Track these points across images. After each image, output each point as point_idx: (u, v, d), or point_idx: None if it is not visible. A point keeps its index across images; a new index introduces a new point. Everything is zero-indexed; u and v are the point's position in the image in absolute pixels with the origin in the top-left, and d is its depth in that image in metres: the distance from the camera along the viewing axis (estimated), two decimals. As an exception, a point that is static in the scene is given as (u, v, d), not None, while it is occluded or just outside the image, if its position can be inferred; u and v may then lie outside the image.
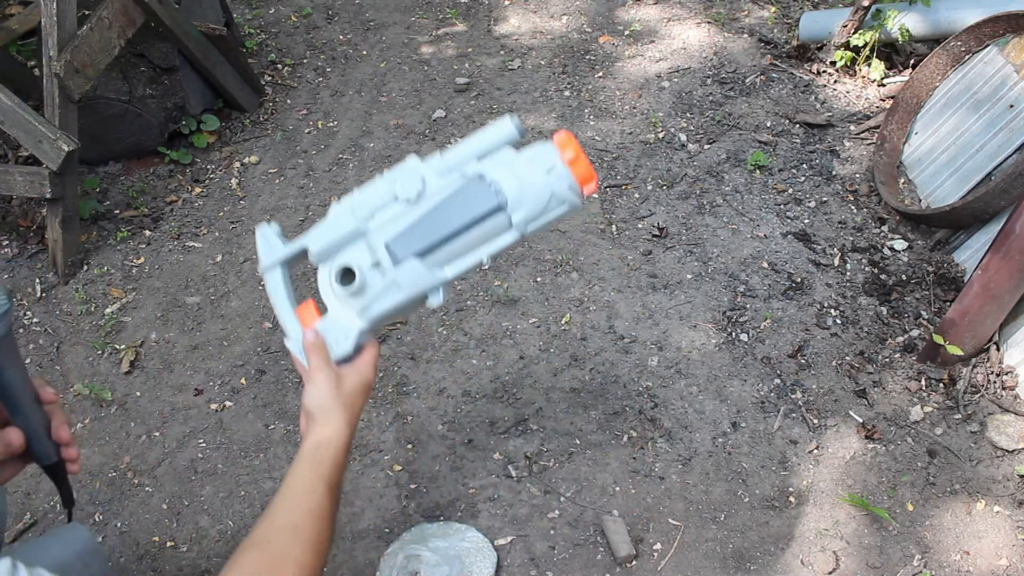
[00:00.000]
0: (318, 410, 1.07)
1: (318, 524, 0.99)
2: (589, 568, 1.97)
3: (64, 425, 1.10)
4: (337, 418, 1.07)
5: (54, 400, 1.10)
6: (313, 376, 1.08)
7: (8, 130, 2.54)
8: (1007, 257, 2.10)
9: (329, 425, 1.07)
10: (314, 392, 1.08)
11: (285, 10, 4.02)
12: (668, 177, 2.99)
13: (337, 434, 1.07)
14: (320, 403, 1.07)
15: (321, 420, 1.07)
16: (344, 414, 1.08)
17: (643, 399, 2.31)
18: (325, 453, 1.05)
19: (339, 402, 1.08)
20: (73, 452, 1.11)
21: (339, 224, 1.11)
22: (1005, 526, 2.00)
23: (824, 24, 3.36)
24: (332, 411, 1.07)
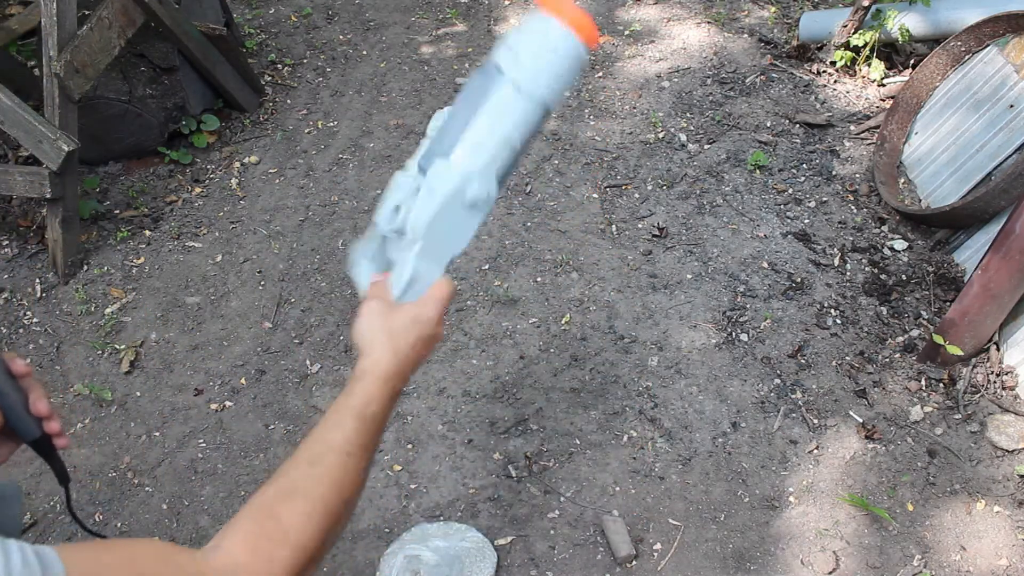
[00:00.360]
0: (360, 340, 1.01)
1: (339, 458, 0.91)
2: (589, 568, 1.97)
3: (42, 398, 1.05)
4: (379, 347, 0.99)
5: (27, 373, 1.05)
6: (364, 304, 1.03)
7: (8, 130, 2.54)
8: (1007, 257, 2.10)
9: (369, 356, 0.99)
10: (358, 322, 1.02)
11: (285, 10, 4.02)
12: (668, 177, 2.99)
13: (375, 364, 0.98)
14: (362, 332, 1.01)
15: (363, 351, 1.00)
16: (388, 344, 0.99)
17: (643, 399, 2.31)
18: (359, 383, 0.97)
19: (383, 332, 0.99)
20: (55, 425, 1.07)
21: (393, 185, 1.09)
22: (1005, 526, 2.00)
23: (824, 24, 3.36)
24: (374, 341, 0.99)
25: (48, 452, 1.07)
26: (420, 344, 1.01)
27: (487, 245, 2.77)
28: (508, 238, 2.80)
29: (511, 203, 2.92)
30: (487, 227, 2.83)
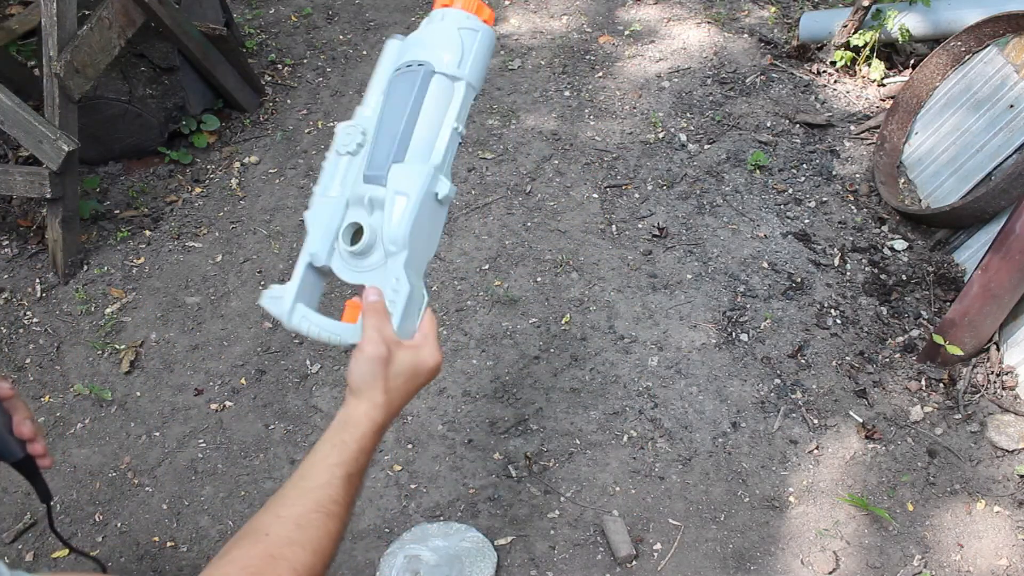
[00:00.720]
0: (355, 383, 0.95)
1: (327, 521, 0.87)
2: (589, 568, 1.97)
3: (26, 420, 1.02)
4: (374, 396, 0.94)
5: (11, 395, 1.02)
6: (362, 344, 0.96)
7: (8, 130, 2.54)
8: (1007, 257, 2.10)
9: (363, 403, 0.94)
10: (357, 361, 0.95)
11: (285, 10, 4.02)
12: (668, 177, 2.99)
13: (369, 415, 0.94)
14: (359, 375, 0.95)
15: (356, 395, 0.95)
16: (384, 395, 0.94)
17: (643, 399, 2.31)
18: (351, 435, 0.92)
19: (382, 379, 0.94)
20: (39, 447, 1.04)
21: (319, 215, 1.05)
22: (1005, 526, 2.00)
23: (824, 24, 3.36)
24: (371, 388, 0.94)
25: (31, 473, 1.06)
26: (415, 391, 0.99)
27: (487, 245, 2.77)
28: (508, 238, 2.80)
29: (511, 203, 2.92)
30: (487, 227, 2.83)
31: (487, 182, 3.01)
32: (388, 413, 0.96)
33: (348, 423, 0.94)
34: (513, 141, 3.18)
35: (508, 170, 3.05)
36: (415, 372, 0.97)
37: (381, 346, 0.95)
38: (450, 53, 1.06)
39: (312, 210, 1.06)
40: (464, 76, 1.07)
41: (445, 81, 1.06)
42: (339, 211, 1.04)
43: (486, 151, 3.14)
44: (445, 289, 2.64)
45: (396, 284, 0.99)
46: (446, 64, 1.06)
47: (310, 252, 1.04)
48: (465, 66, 1.07)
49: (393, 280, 0.99)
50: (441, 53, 1.06)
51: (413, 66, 1.06)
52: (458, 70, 1.06)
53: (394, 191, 1.00)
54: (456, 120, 1.06)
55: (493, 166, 3.07)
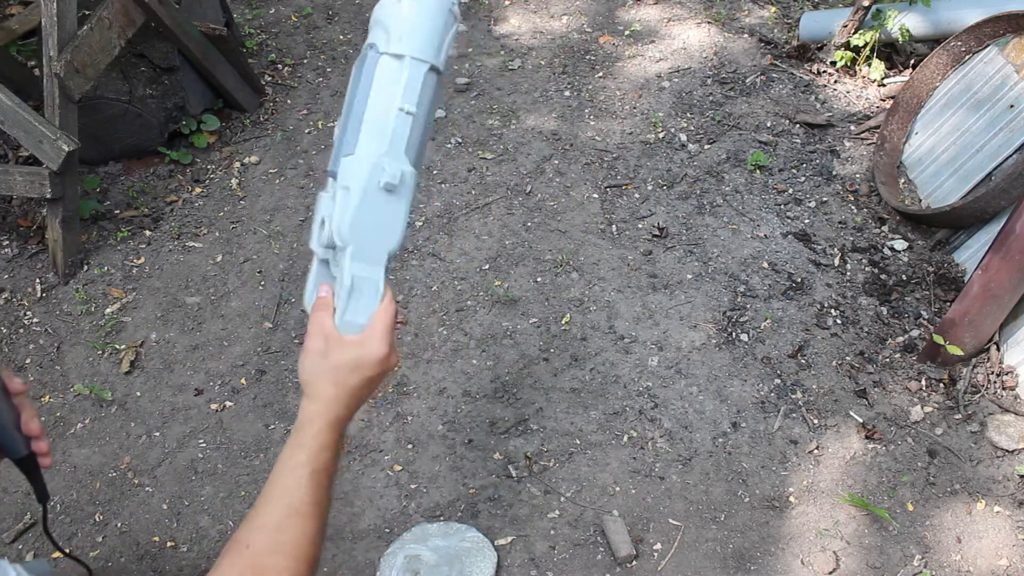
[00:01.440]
0: (302, 380, 0.96)
1: (302, 523, 0.88)
2: (589, 568, 1.97)
3: (34, 418, 1.03)
4: (323, 390, 0.94)
5: (22, 391, 1.03)
6: (305, 342, 0.97)
7: (8, 130, 2.54)
8: (1007, 257, 2.10)
9: (313, 401, 0.94)
10: (303, 360, 0.96)
11: (285, 10, 4.02)
12: (668, 177, 2.99)
13: (321, 411, 0.93)
14: (303, 371, 0.96)
15: (306, 393, 0.95)
16: (331, 388, 0.94)
17: (643, 399, 2.31)
18: (308, 432, 0.93)
19: (326, 374, 0.94)
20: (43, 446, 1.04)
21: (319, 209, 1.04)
22: (1005, 526, 2.00)
23: (824, 24, 3.36)
24: (316, 382, 0.94)
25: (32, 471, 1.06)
26: (367, 384, 0.97)
27: (487, 245, 2.77)
28: (508, 238, 2.80)
29: (511, 203, 2.92)
30: (487, 227, 2.83)
31: (487, 182, 3.01)
32: (343, 406, 0.94)
33: (303, 423, 0.94)
34: (513, 141, 3.17)
35: (508, 170, 3.05)
36: (357, 365, 0.95)
37: (318, 340, 0.95)
38: (392, 29, 0.99)
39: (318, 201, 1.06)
40: (406, 51, 0.99)
41: (391, 61, 0.99)
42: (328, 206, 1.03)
43: (486, 151, 3.14)
44: (445, 289, 2.64)
45: (340, 278, 0.98)
46: (396, 46, 0.99)
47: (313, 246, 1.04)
48: (417, 44, 0.99)
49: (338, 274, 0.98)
50: (381, 31, 1.00)
51: (364, 50, 1.01)
52: (400, 46, 0.99)
53: (341, 185, 0.98)
54: (403, 101, 0.99)
55: (493, 166, 3.07)
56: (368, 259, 0.99)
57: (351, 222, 0.98)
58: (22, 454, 1.03)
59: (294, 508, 0.89)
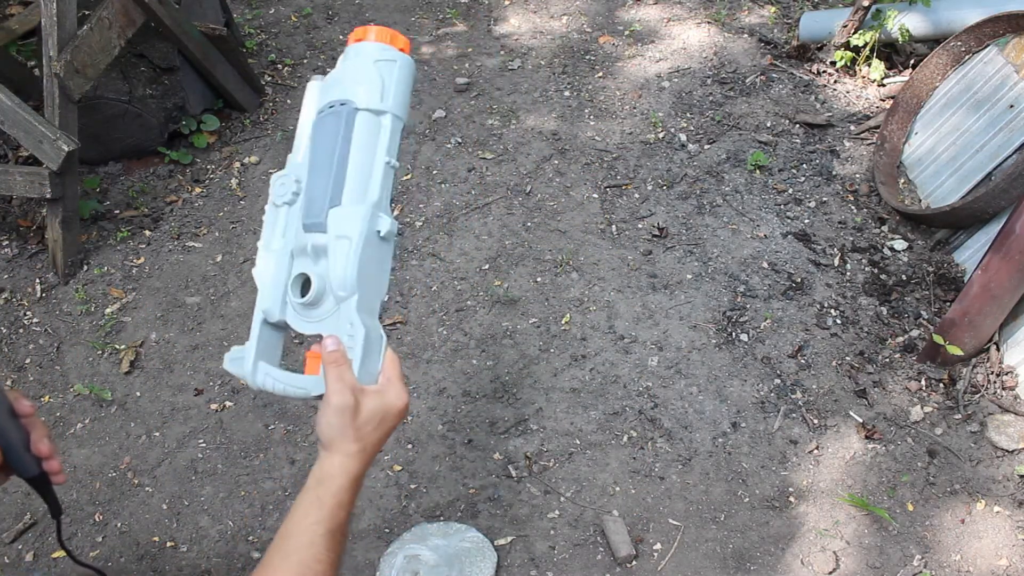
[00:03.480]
0: (325, 436, 0.96)
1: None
2: (589, 568, 1.97)
3: (44, 438, 1.04)
4: (346, 447, 0.95)
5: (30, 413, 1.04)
6: (327, 396, 0.96)
7: (8, 130, 2.54)
8: (1007, 257, 2.10)
9: (336, 456, 0.95)
10: (324, 414, 0.96)
11: (285, 10, 4.02)
12: (668, 177, 2.99)
13: (344, 467, 0.94)
14: (329, 428, 0.96)
15: (328, 448, 0.96)
16: (354, 444, 0.95)
17: (643, 399, 2.31)
18: (328, 490, 0.93)
19: (351, 429, 0.95)
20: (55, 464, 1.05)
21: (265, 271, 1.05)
22: (1005, 526, 2.00)
23: (824, 24, 3.36)
24: (342, 439, 0.95)
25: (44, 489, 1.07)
26: (386, 435, 0.98)
27: (487, 245, 2.77)
28: (508, 238, 2.80)
29: (511, 203, 2.92)
30: (487, 227, 2.83)
31: (487, 182, 3.01)
32: (362, 462, 0.96)
33: (323, 479, 0.94)
34: (513, 141, 3.18)
35: (508, 170, 3.05)
36: (384, 416, 0.97)
37: (347, 396, 0.95)
38: (370, 88, 1.04)
39: (258, 266, 1.06)
40: (388, 109, 1.04)
41: (370, 117, 1.04)
42: (284, 264, 1.04)
43: (486, 151, 3.14)
44: (445, 289, 2.64)
45: (351, 329, 0.98)
46: (367, 100, 1.03)
47: (263, 309, 1.04)
48: (388, 98, 1.05)
49: (348, 326, 0.98)
50: (360, 89, 1.04)
51: (336, 106, 1.04)
52: (381, 103, 1.04)
53: (335, 236, 0.99)
54: (387, 154, 1.04)
55: (493, 166, 3.07)
56: (367, 309, 1.00)
57: (358, 271, 0.98)
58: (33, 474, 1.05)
59: (306, 566, 0.89)
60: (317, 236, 1.00)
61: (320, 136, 1.05)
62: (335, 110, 1.04)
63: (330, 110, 1.04)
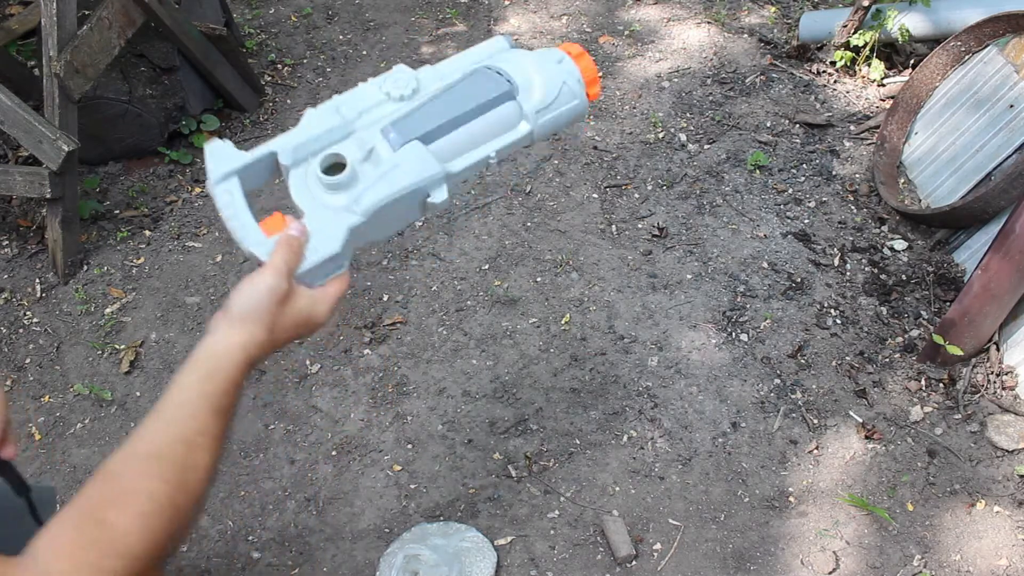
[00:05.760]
0: (242, 311, 0.86)
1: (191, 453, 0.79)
2: (589, 568, 1.97)
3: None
4: (256, 331, 0.86)
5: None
6: (262, 272, 0.87)
7: (8, 130, 2.54)
8: (1007, 257, 2.10)
9: (242, 334, 0.85)
10: (250, 289, 0.87)
11: (285, 10, 4.02)
12: (668, 177, 2.99)
13: (246, 347, 0.85)
14: (250, 304, 0.87)
15: (238, 324, 0.86)
16: (268, 333, 0.87)
17: (643, 399, 2.31)
18: (223, 363, 0.84)
19: (270, 314, 0.87)
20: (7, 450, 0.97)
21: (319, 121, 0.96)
22: (1005, 526, 2.00)
23: (824, 24, 3.36)
24: (256, 320, 0.86)
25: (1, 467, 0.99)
26: (293, 339, 0.92)
27: (487, 245, 2.77)
28: (508, 238, 2.80)
29: (511, 203, 2.92)
30: (487, 227, 2.83)
31: (487, 182, 3.01)
32: (264, 352, 0.88)
33: (221, 352, 0.85)
34: (513, 141, 3.17)
35: (508, 170, 3.05)
36: (304, 322, 0.91)
37: (283, 281, 0.88)
38: (541, 98, 1.01)
39: (317, 112, 0.99)
40: (534, 125, 1.02)
41: (516, 112, 1.01)
42: (339, 133, 0.97)
43: (486, 151, 3.14)
44: (445, 289, 2.64)
45: (328, 239, 0.92)
46: (530, 102, 1.01)
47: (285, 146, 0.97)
48: (543, 117, 1.02)
49: (328, 232, 0.92)
50: (534, 90, 1.02)
51: (504, 77, 1.01)
52: (535, 116, 1.02)
53: (395, 163, 0.94)
54: (496, 151, 1.01)
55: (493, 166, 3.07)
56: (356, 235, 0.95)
57: (379, 206, 0.93)
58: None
59: (185, 436, 0.80)
60: (385, 146, 0.95)
61: (470, 85, 1.00)
62: (500, 81, 1.00)
63: (498, 75, 1.01)
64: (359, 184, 0.93)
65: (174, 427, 0.81)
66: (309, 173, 0.95)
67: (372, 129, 0.97)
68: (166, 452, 0.79)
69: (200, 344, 0.87)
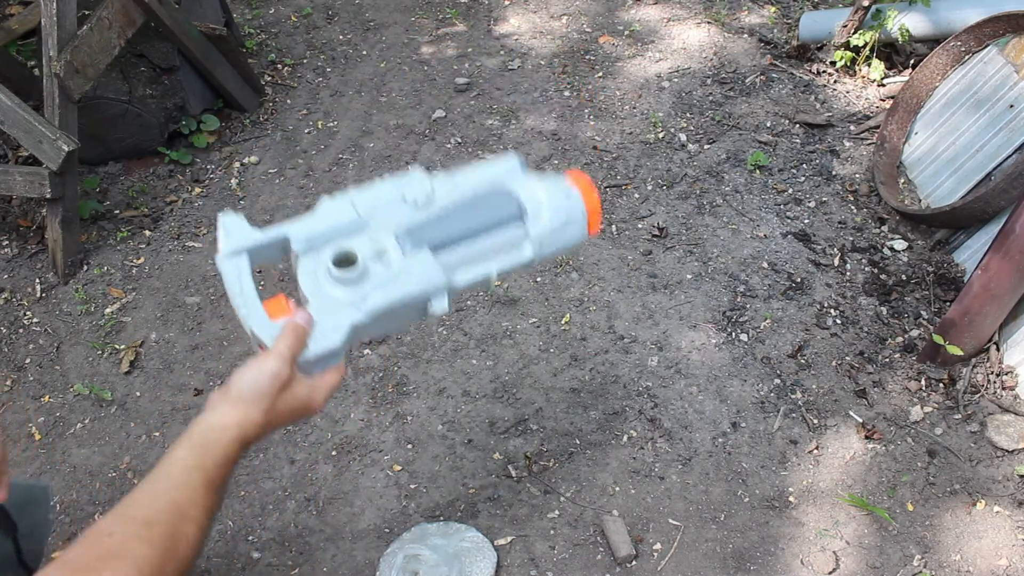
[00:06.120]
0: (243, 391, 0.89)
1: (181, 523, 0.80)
2: (589, 568, 1.97)
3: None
4: (253, 413, 0.88)
5: None
6: (267, 357, 0.90)
7: (8, 130, 2.54)
8: (1007, 257, 2.10)
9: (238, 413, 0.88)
10: (254, 372, 0.90)
11: (285, 10, 4.02)
12: (668, 177, 2.99)
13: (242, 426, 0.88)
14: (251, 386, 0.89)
15: (239, 404, 0.89)
16: (264, 415, 0.89)
17: (643, 399, 2.31)
18: (219, 438, 0.86)
19: (269, 399, 0.89)
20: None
21: (335, 214, 1.00)
22: (1005, 526, 2.00)
23: (824, 24, 3.36)
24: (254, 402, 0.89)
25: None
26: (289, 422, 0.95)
27: (487, 245, 2.77)
28: (508, 238, 2.79)
29: (511, 203, 2.92)
30: (487, 227, 2.83)
31: (487, 182, 3.00)
32: (258, 435, 0.91)
33: (217, 428, 0.88)
34: (513, 141, 3.18)
35: (508, 170, 3.05)
36: (299, 409, 0.94)
37: (286, 368, 0.91)
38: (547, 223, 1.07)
39: (334, 203, 1.02)
40: (537, 253, 1.08)
41: (521, 235, 1.07)
42: (352, 228, 1.01)
43: (486, 151, 3.14)
44: (445, 289, 2.64)
45: (331, 332, 0.95)
46: (538, 227, 1.07)
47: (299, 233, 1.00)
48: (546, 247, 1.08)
49: (331, 324, 0.95)
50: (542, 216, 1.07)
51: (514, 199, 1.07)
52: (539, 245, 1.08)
53: (404, 269, 0.98)
54: (498, 270, 1.06)
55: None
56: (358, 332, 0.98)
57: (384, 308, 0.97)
58: None
59: (177, 505, 0.82)
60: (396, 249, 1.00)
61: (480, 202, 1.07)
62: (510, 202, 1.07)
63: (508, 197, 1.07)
64: (367, 282, 0.97)
65: (167, 495, 0.82)
66: (319, 263, 0.99)
67: (385, 231, 1.01)
68: (157, 518, 0.80)
69: (197, 419, 0.89)
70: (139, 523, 0.79)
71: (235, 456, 0.88)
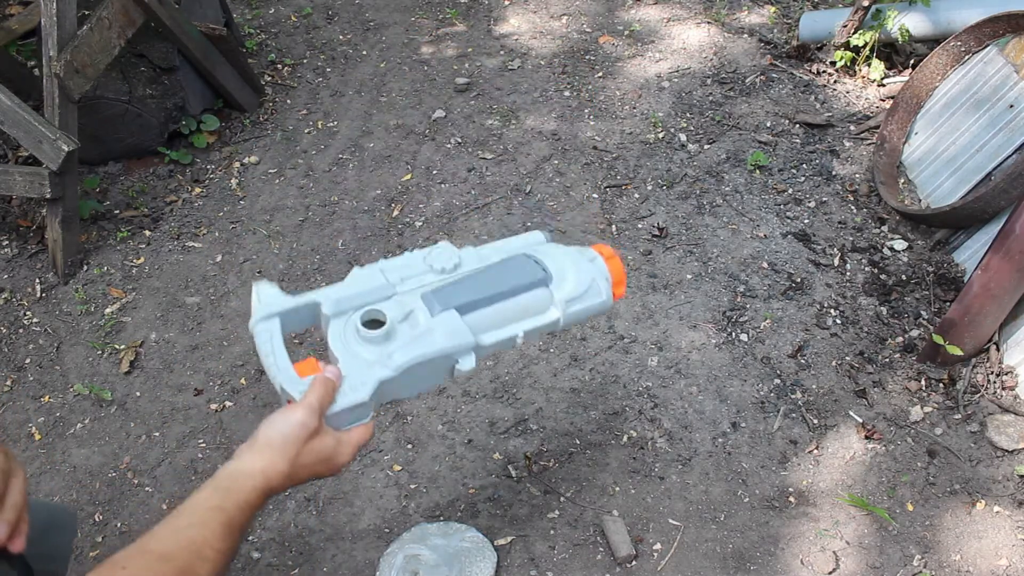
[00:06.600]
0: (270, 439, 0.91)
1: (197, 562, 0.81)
2: (589, 568, 1.97)
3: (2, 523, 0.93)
4: (278, 462, 0.89)
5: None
6: (296, 407, 0.92)
7: (8, 130, 2.54)
8: (1007, 257, 2.10)
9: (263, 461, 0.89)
10: (282, 421, 0.92)
11: (285, 10, 4.02)
12: (668, 177, 2.99)
13: (267, 474, 0.89)
14: (278, 434, 0.91)
15: (264, 451, 0.91)
16: (288, 466, 0.90)
17: (643, 399, 2.31)
18: (243, 484, 0.88)
19: (295, 449, 0.90)
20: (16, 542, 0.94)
21: (365, 280, 1.06)
22: (1005, 526, 2.00)
23: (824, 24, 3.36)
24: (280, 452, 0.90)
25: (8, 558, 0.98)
26: (313, 476, 0.96)
27: (487, 245, 2.77)
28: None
29: (511, 203, 2.92)
30: (487, 227, 2.83)
31: (487, 182, 3.01)
32: (282, 485, 0.91)
33: (241, 473, 0.90)
34: (513, 141, 3.18)
35: (508, 170, 3.05)
36: (324, 462, 0.95)
37: (314, 418, 0.92)
38: (573, 289, 1.11)
39: (365, 272, 1.08)
40: (562, 312, 1.11)
41: (547, 299, 1.11)
42: (381, 293, 1.06)
43: (486, 151, 3.14)
44: (445, 289, 2.64)
45: (359, 386, 0.98)
46: (563, 291, 1.11)
47: (329, 297, 1.05)
48: (571, 309, 1.11)
49: (360, 379, 0.99)
50: (567, 282, 1.11)
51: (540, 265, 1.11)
52: (565, 307, 1.11)
53: (430, 327, 1.02)
54: (524, 332, 1.09)
55: (493, 166, 3.07)
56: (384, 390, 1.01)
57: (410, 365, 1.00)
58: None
59: (194, 544, 0.83)
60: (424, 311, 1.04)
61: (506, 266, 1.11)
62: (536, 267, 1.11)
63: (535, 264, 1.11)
64: (394, 342, 1.01)
65: (185, 534, 0.83)
66: (348, 324, 1.03)
67: (413, 294, 1.06)
68: (173, 554, 0.81)
69: (225, 464, 0.92)
70: (155, 557, 0.80)
71: (257, 503, 0.89)
